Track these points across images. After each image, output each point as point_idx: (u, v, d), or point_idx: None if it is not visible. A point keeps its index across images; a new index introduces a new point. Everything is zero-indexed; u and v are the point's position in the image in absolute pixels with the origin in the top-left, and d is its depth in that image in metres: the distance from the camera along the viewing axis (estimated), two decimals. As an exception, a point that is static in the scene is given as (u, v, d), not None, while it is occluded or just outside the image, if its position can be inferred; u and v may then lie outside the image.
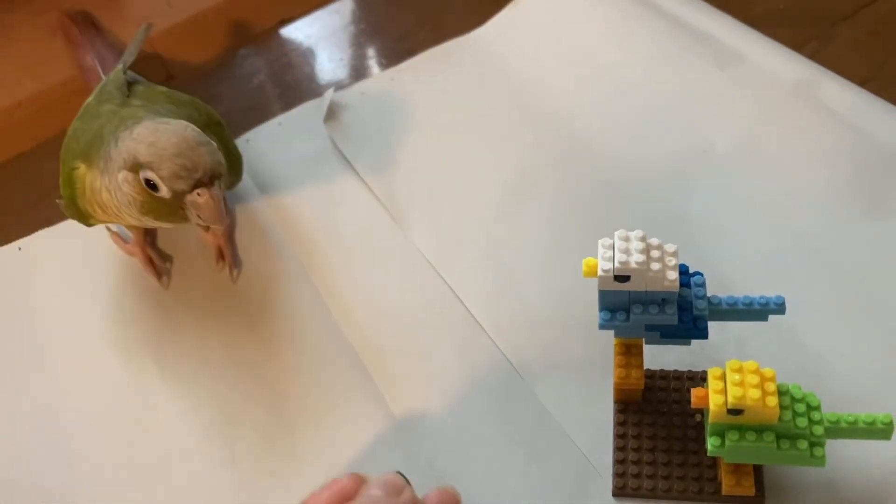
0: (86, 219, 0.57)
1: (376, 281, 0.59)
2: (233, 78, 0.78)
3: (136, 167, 0.49)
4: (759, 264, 0.55)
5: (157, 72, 0.78)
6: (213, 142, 0.50)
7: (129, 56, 0.64)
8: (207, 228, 0.62)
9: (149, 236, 0.63)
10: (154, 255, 0.62)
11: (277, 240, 0.63)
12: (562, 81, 0.70)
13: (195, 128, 0.50)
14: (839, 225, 0.56)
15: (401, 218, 0.63)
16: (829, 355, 0.50)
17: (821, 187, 0.58)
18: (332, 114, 0.71)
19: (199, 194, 0.49)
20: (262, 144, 0.70)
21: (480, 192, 0.63)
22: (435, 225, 0.62)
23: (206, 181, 0.49)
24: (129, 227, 0.62)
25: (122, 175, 0.50)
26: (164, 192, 0.49)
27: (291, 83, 0.77)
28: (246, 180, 0.67)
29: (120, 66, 0.62)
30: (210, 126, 0.57)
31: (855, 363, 0.49)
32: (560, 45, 0.73)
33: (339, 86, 0.74)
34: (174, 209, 0.50)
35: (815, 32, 0.70)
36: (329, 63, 0.78)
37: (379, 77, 0.74)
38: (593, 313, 0.45)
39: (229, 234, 0.63)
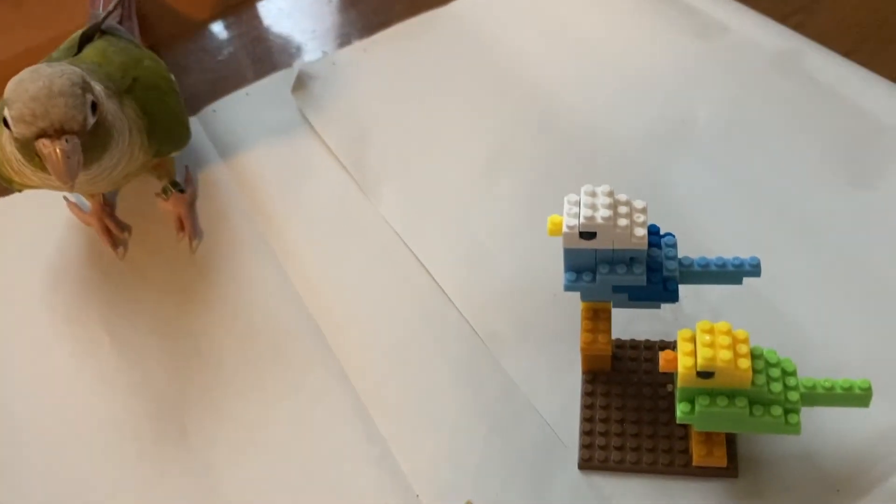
0: (9, 182, 0.54)
1: (342, 252, 0.57)
2: (202, 50, 0.76)
3: (2, 105, 0.47)
4: (739, 235, 0.53)
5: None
6: (85, 97, 0.47)
7: (104, 13, 0.62)
8: (167, 198, 0.60)
9: (107, 206, 0.61)
10: (112, 224, 0.60)
11: (240, 211, 0.61)
12: (539, 53, 0.68)
13: (74, 78, 0.47)
14: (821, 195, 0.54)
15: (370, 189, 0.60)
16: (808, 326, 0.48)
17: (803, 157, 0.56)
18: (301, 84, 0.69)
19: (43, 145, 0.46)
20: (228, 115, 0.68)
21: (453, 164, 0.61)
22: (405, 197, 0.60)
23: (52, 133, 0.46)
24: (86, 197, 0.60)
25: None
26: (13, 132, 0.47)
27: (262, 55, 0.75)
28: (210, 150, 0.65)
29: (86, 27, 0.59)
30: (142, 89, 0.55)
31: (835, 334, 0.47)
32: (538, 16, 0.71)
33: (310, 57, 0.72)
34: (31, 154, 0.47)
35: (800, 5, 0.68)
36: (301, 35, 0.76)
37: (352, 48, 0.72)
38: (563, 285, 0.42)
39: (190, 204, 0.61)
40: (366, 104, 0.66)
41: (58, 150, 0.46)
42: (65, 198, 0.61)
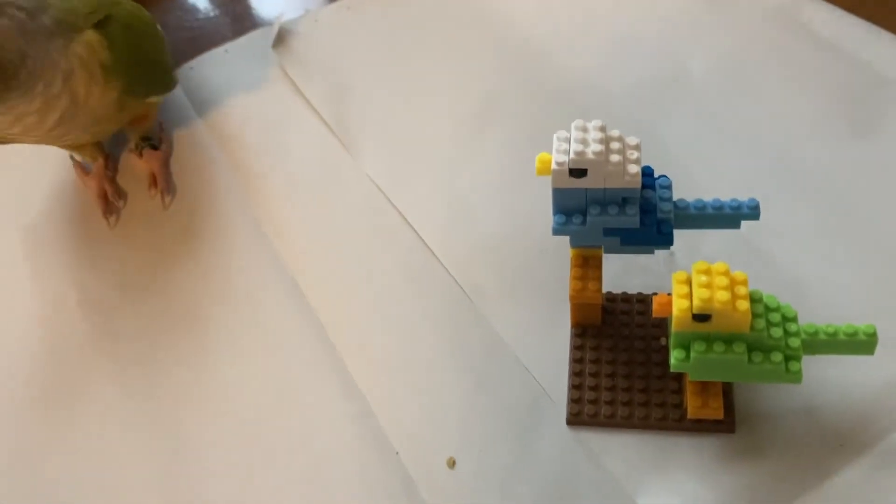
0: None
1: (323, 208, 0.55)
2: (181, 8, 0.74)
3: None
4: (736, 187, 0.50)
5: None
6: (8, 25, 0.45)
7: None
8: (140, 154, 0.57)
9: (109, 170, 0.58)
10: (110, 189, 0.57)
11: (219, 168, 0.58)
12: (528, 6, 0.65)
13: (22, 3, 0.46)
14: (821, 146, 0.52)
15: (352, 145, 0.58)
16: (808, 278, 0.46)
17: (802, 110, 0.54)
18: (282, 40, 0.66)
19: None
20: (206, 71, 0.66)
21: (438, 119, 0.59)
22: (388, 152, 0.57)
23: None
24: (87, 157, 0.58)
25: None
26: None
27: (242, 13, 0.72)
28: (187, 108, 0.63)
29: None
30: (116, 26, 0.52)
31: (835, 286, 0.45)
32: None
33: (292, 15, 0.69)
34: None
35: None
36: (283, -7, 0.73)
37: (336, 5, 0.70)
38: (551, 237, 0.40)
39: (164, 161, 0.58)
40: (349, 60, 0.64)
41: None
42: (71, 157, 0.59)
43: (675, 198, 0.41)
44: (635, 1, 0.64)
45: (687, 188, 0.49)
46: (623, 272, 0.47)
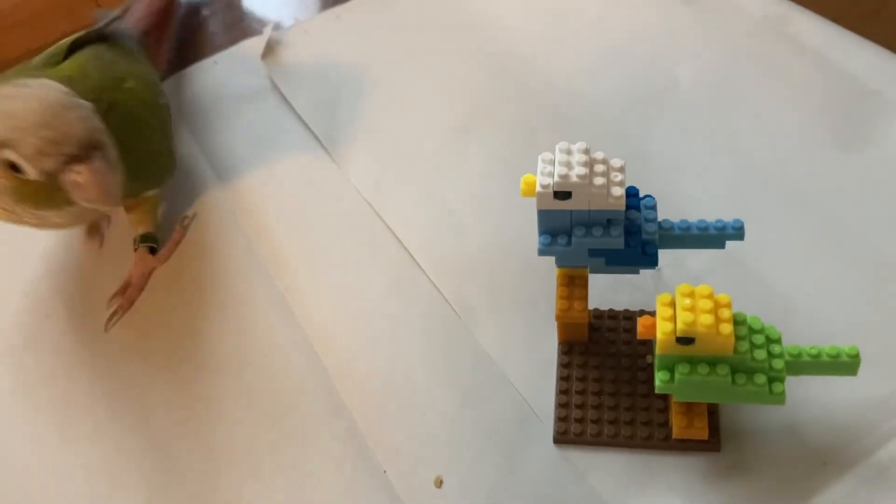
0: None
1: (310, 220, 0.55)
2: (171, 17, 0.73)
3: None
4: (722, 202, 0.51)
5: (88, 9, 0.73)
6: (85, 105, 0.42)
7: (109, 18, 0.56)
8: (135, 250, 0.52)
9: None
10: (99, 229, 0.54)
11: (204, 179, 0.58)
12: (515, 16, 0.65)
13: (62, 87, 0.42)
14: (807, 160, 0.52)
15: (339, 157, 0.58)
16: (793, 294, 0.46)
17: (789, 122, 0.54)
18: (270, 51, 0.66)
19: (77, 172, 0.41)
20: (195, 83, 0.66)
21: (424, 130, 0.59)
22: (375, 164, 0.57)
23: (83, 154, 0.41)
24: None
25: None
26: (31, 173, 0.41)
27: (232, 23, 0.72)
28: (175, 119, 0.63)
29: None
30: (118, 117, 0.46)
31: (821, 302, 0.45)
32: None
33: (282, 25, 0.69)
34: (51, 194, 0.42)
35: (786, -31, 0.65)
36: (273, 2, 0.73)
37: (324, 15, 0.70)
38: (537, 249, 0.40)
39: (147, 273, 0.52)
40: (336, 71, 0.64)
41: (95, 172, 0.40)
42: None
43: (660, 217, 0.41)
44: (622, 11, 0.64)
45: (672, 200, 0.49)
46: (610, 288, 0.47)
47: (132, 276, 0.51)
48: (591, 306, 0.45)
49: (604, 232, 0.39)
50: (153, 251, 0.52)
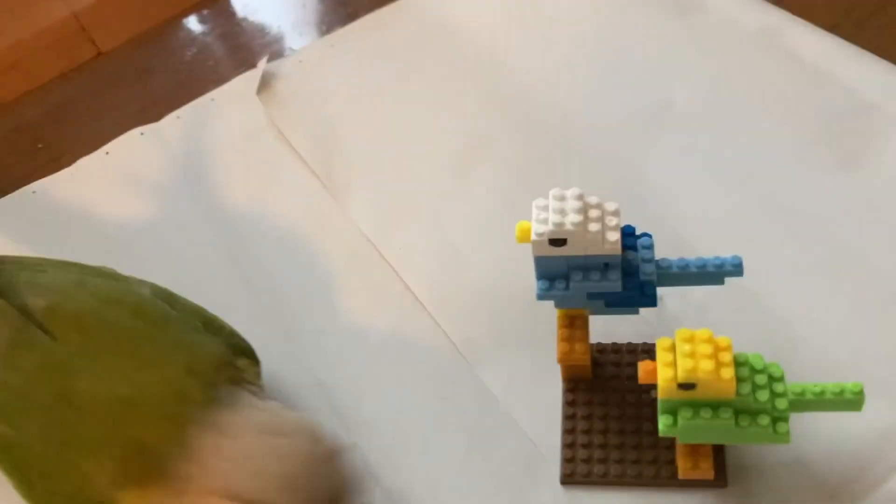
0: None
1: (310, 259, 0.55)
2: (166, 51, 0.74)
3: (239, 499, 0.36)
4: (721, 225, 0.51)
5: (84, 48, 0.73)
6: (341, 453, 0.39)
7: None
8: None
9: None
10: None
11: (204, 220, 0.58)
12: (510, 40, 0.65)
13: (320, 431, 0.38)
14: (807, 179, 0.52)
15: (339, 193, 0.58)
16: (797, 322, 0.46)
17: (787, 140, 0.54)
18: (265, 84, 0.66)
19: None
20: (193, 123, 0.65)
21: (424, 162, 0.59)
22: (375, 199, 0.57)
23: None
24: None
25: None
26: None
27: (227, 53, 0.72)
28: (173, 160, 0.63)
29: None
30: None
31: (826, 329, 0.45)
32: (507, 2, 0.68)
33: (276, 54, 0.69)
34: None
35: (780, -22, 0.65)
36: (267, 31, 0.73)
37: (318, 43, 0.69)
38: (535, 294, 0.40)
39: None
40: (333, 102, 0.64)
41: None
42: None
43: (658, 248, 0.41)
44: (616, 29, 0.63)
45: (669, 224, 0.49)
46: (612, 321, 0.46)
47: None
48: (593, 339, 0.45)
49: (601, 276, 0.39)
50: None
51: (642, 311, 0.47)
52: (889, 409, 0.41)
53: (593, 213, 0.38)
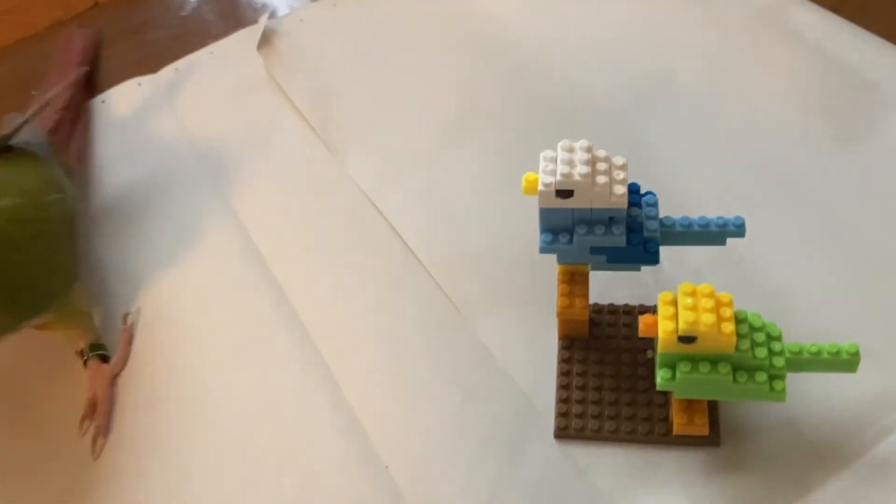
0: None
1: (308, 215, 0.55)
2: (164, 5, 0.73)
3: None
4: (720, 195, 0.51)
5: (82, -2, 0.73)
6: None
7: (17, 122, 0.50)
8: (84, 364, 0.48)
9: (108, 367, 0.48)
10: (102, 409, 0.46)
11: (201, 173, 0.58)
12: (513, 7, 0.65)
13: None
14: (807, 153, 0.52)
15: (337, 149, 0.58)
16: (793, 290, 0.46)
17: (787, 114, 0.54)
18: (266, 41, 0.66)
19: None
20: (191, 74, 0.65)
21: (424, 122, 0.59)
22: (374, 157, 0.57)
23: None
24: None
25: None
26: None
27: (228, 9, 0.72)
28: (171, 112, 0.62)
29: None
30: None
31: (822, 298, 0.45)
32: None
33: (277, 12, 0.68)
34: None
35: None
36: (268, -10, 0.73)
37: (321, 3, 0.69)
38: (537, 245, 0.40)
39: (110, 381, 0.47)
40: (334, 61, 0.64)
41: None
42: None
43: (661, 213, 0.41)
44: (620, 3, 0.63)
45: (669, 194, 0.49)
46: (609, 283, 0.47)
47: (94, 392, 0.46)
48: (590, 301, 0.45)
49: (606, 230, 0.39)
50: (105, 359, 0.48)
51: (638, 274, 0.47)
52: (880, 374, 0.42)
53: (601, 165, 0.38)
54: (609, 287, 0.47)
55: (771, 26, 0.59)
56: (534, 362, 0.45)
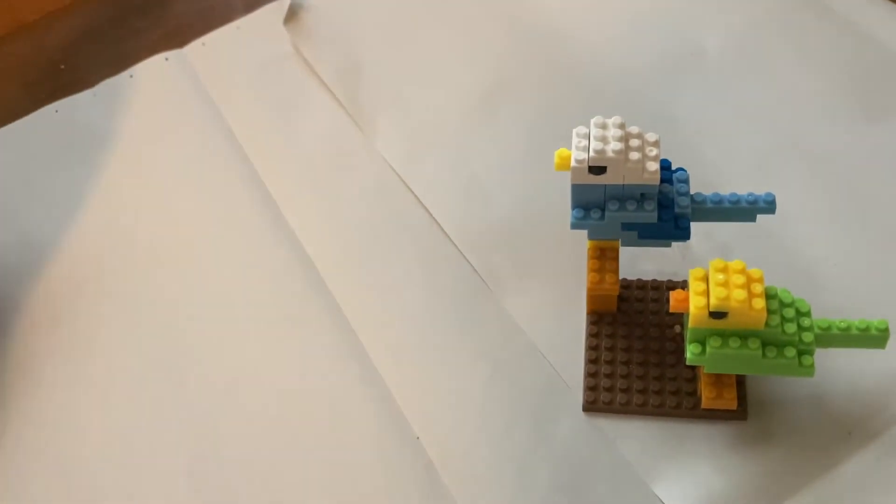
0: None
1: (336, 189, 0.55)
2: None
3: None
4: (749, 171, 0.51)
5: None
6: None
7: None
8: None
9: None
10: None
11: (230, 149, 0.58)
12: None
13: None
14: (836, 129, 0.52)
15: (365, 124, 0.58)
16: (822, 265, 0.46)
17: (817, 91, 0.54)
18: (293, 15, 0.66)
19: None
20: (218, 49, 0.65)
21: (451, 98, 0.59)
22: (402, 132, 0.57)
23: None
24: None
25: None
26: None
27: (253, -15, 0.72)
28: (198, 87, 0.63)
29: None
30: None
31: (850, 274, 0.46)
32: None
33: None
34: None
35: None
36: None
37: (346, -23, 0.69)
38: (567, 221, 0.41)
39: None
40: (361, 35, 0.64)
41: None
42: None
43: (691, 190, 0.41)
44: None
45: (698, 169, 0.49)
46: (637, 258, 0.47)
47: None
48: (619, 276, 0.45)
49: (637, 206, 0.39)
50: None
51: (665, 249, 0.48)
52: (908, 351, 0.42)
53: (634, 142, 0.38)
54: (636, 262, 0.47)
55: (801, 1, 0.59)
56: (562, 336, 0.46)
